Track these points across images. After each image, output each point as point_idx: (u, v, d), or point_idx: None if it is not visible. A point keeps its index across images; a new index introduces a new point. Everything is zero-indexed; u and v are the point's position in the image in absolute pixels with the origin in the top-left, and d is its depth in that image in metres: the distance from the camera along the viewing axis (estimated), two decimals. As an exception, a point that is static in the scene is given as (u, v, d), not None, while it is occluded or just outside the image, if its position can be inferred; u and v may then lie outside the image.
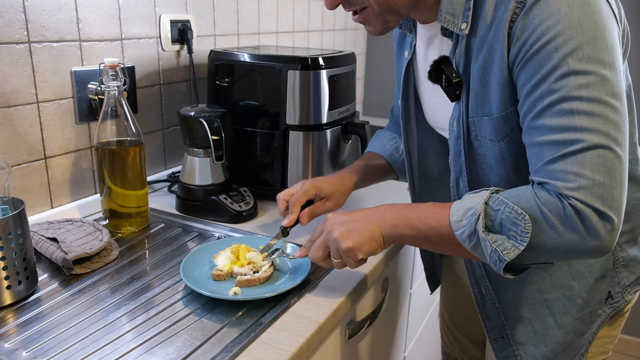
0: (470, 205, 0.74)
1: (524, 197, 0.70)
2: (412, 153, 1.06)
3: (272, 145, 1.22)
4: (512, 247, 0.70)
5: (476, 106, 0.81)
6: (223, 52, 1.27)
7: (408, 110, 1.01)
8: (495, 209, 0.72)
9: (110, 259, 0.96)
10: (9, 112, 1.00)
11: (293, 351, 0.73)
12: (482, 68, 0.77)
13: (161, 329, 0.77)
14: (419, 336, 1.52)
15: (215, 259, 0.93)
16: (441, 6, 0.80)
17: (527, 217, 0.69)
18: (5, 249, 0.80)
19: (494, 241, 0.71)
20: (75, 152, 1.13)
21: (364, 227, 0.81)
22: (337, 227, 0.81)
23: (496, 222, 0.72)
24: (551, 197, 0.68)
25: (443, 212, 0.77)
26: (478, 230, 0.71)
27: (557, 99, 0.68)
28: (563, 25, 0.67)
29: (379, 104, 2.48)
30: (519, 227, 0.70)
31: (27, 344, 0.73)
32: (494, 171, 0.84)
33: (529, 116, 0.72)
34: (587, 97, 0.67)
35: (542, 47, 0.69)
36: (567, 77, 0.67)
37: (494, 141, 0.81)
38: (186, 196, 1.18)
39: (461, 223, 0.74)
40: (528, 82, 0.71)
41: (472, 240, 0.73)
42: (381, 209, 0.83)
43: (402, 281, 1.27)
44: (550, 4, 0.68)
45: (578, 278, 0.88)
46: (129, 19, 1.21)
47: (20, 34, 0.99)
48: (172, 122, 1.37)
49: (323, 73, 1.19)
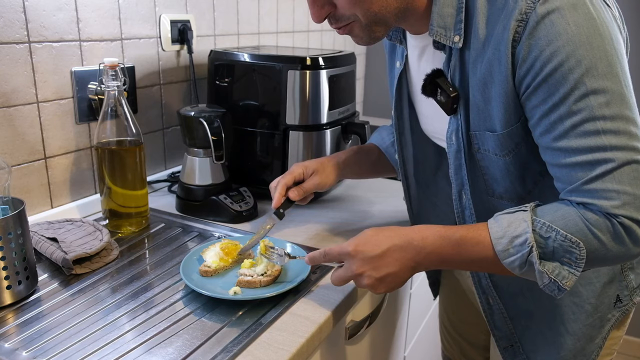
0: (515, 232, 0.72)
1: (571, 221, 0.70)
2: (407, 163, 1.04)
3: (272, 145, 1.22)
4: (569, 275, 0.71)
5: (478, 120, 0.79)
6: (223, 52, 1.27)
7: (402, 121, 1.00)
8: (545, 236, 0.71)
9: (110, 259, 0.96)
10: (9, 112, 1.00)
11: (293, 351, 0.73)
12: (482, 84, 0.76)
13: (161, 329, 0.77)
14: (419, 336, 1.52)
15: (204, 254, 0.93)
16: (432, 20, 0.78)
17: (581, 244, 0.69)
18: (5, 249, 0.80)
19: (551, 272, 0.71)
20: (75, 152, 1.13)
21: (396, 274, 0.77)
22: (367, 272, 0.77)
23: (548, 249, 0.71)
24: (599, 218, 0.69)
25: (483, 241, 0.74)
26: (533, 262, 0.71)
27: (581, 121, 0.68)
28: (573, 45, 0.66)
29: (379, 104, 2.48)
30: (573, 255, 0.70)
31: (27, 344, 0.73)
32: (498, 183, 0.83)
33: (548, 136, 0.71)
34: (609, 116, 0.67)
35: (554, 69, 0.68)
36: (586, 97, 0.67)
37: (499, 155, 0.79)
38: (186, 196, 1.18)
39: (509, 252, 0.72)
40: (543, 104, 0.70)
41: (523, 268, 0.72)
42: (412, 246, 0.77)
43: (402, 281, 1.27)
44: (556, 23, 0.67)
45: (586, 284, 0.86)
46: (129, 19, 1.21)
47: (20, 34, 0.99)
48: (172, 122, 1.37)
49: (323, 73, 1.19)
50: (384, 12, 0.77)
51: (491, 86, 0.75)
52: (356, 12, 0.77)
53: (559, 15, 0.67)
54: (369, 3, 0.76)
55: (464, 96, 0.80)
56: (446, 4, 0.76)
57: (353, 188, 1.38)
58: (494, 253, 0.73)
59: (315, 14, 0.80)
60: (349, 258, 0.78)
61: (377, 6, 0.76)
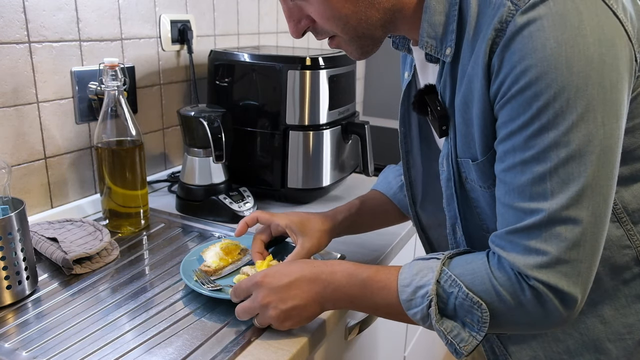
0: (421, 282, 0.66)
1: (479, 277, 0.63)
2: (416, 186, 0.91)
3: (272, 145, 1.22)
4: (470, 338, 0.65)
5: (462, 145, 0.70)
6: (223, 52, 1.27)
7: (409, 136, 0.88)
8: (448, 291, 0.65)
9: (110, 259, 0.96)
10: (9, 112, 1.00)
11: (293, 351, 0.73)
12: (464, 104, 0.67)
13: (161, 329, 0.77)
14: (419, 336, 1.52)
15: (204, 254, 0.93)
16: (422, 30, 0.68)
17: (483, 305, 0.63)
18: (5, 249, 0.80)
19: (449, 331, 0.65)
20: (75, 152, 1.13)
21: (304, 307, 0.73)
22: (273, 303, 0.72)
23: (450, 306, 0.65)
24: (509, 278, 0.61)
25: (390, 286, 0.68)
26: (431, 317, 0.65)
27: (530, 158, 0.59)
28: (546, 66, 0.56)
29: (379, 104, 2.48)
30: (475, 316, 0.64)
31: (27, 344, 0.73)
32: (490, 218, 0.72)
33: (499, 166, 0.64)
34: (563, 159, 0.57)
35: (520, 91, 0.58)
36: (545, 133, 0.57)
37: (483, 188, 0.70)
38: (186, 196, 1.18)
39: (412, 302, 0.67)
40: (504, 127, 0.62)
41: (426, 322, 0.66)
42: (320, 280, 0.73)
43: (402, 281, 1.27)
44: (534, 37, 0.57)
45: (616, 340, 0.73)
46: (129, 19, 1.21)
47: (20, 34, 0.99)
48: (172, 122, 1.37)
49: (323, 73, 1.19)
50: (365, 25, 0.69)
51: (471, 106, 0.66)
52: (332, 28, 0.71)
53: (539, 27, 0.57)
54: (345, 17, 0.68)
55: (453, 116, 0.71)
56: (437, 11, 0.67)
57: (354, 188, 1.38)
58: (399, 301, 0.68)
59: (292, 29, 0.73)
60: (256, 288, 0.74)
61: (355, 20, 0.68)
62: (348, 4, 0.67)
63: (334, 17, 0.69)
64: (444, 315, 0.65)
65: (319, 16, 0.70)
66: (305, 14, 0.72)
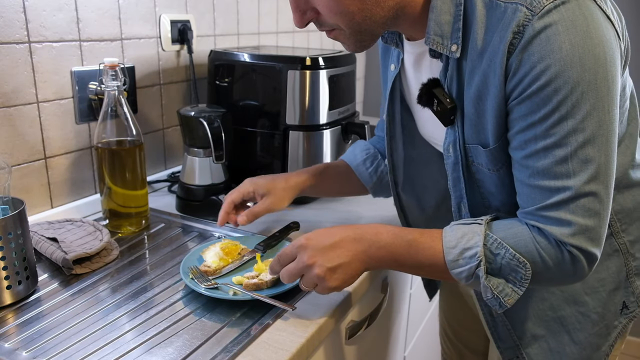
0: (467, 244, 0.73)
1: (522, 241, 0.72)
2: (397, 169, 1.00)
3: (272, 145, 1.22)
4: (512, 292, 0.73)
5: (472, 132, 0.78)
6: (223, 52, 1.27)
7: (393, 125, 0.96)
8: (494, 252, 0.72)
9: (110, 259, 0.96)
10: (9, 112, 1.00)
11: (293, 351, 0.73)
12: (477, 97, 0.74)
13: (161, 329, 0.77)
14: (419, 336, 1.52)
15: (204, 254, 0.93)
16: (428, 27, 0.74)
17: (528, 265, 0.71)
18: (5, 249, 0.80)
19: (495, 287, 0.72)
20: (75, 152, 1.13)
21: (349, 265, 0.75)
22: (319, 262, 0.74)
23: (495, 265, 0.72)
24: (550, 243, 0.71)
25: (435, 247, 0.74)
26: (479, 276, 0.72)
27: (552, 144, 0.68)
28: (563, 65, 0.65)
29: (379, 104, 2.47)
30: (519, 274, 0.72)
31: (27, 344, 0.73)
32: (494, 197, 0.81)
33: (520, 152, 0.72)
34: (581, 143, 0.67)
35: (541, 88, 0.66)
36: (564, 121, 0.67)
37: (492, 170, 0.78)
38: (186, 196, 1.18)
39: (458, 263, 0.73)
40: (522, 120, 0.70)
41: (469, 280, 0.73)
42: (365, 239, 0.76)
43: (402, 281, 1.27)
44: (552, 40, 0.65)
45: (591, 293, 0.86)
46: (129, 19, 1.21)
47: (20, 34, 0.99)
48: (172, 122, 1.37)
49: (323, 73, 1.19)
50: (369, 22, 0.74)
51: (486, 99, 0.73)
52: (338, 22, 0.75)
53: (555, 31, 0.65)
54: (351, 13, 0.72)
55: (461, 107, 0.78)
56: (444, 11, 0.73)
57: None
58: (444, 261, 0.74)
59: (297, 19, 0.77)
60: (301, 250, 0.76)
61: (360, 16, 0.73)
62: (356, 1, 0.72)
63: (341, 13, 0.73)
64: (489, 274, 0.72)
65: (326, 10, 0.74)
66: (311, 6, 0.75)
